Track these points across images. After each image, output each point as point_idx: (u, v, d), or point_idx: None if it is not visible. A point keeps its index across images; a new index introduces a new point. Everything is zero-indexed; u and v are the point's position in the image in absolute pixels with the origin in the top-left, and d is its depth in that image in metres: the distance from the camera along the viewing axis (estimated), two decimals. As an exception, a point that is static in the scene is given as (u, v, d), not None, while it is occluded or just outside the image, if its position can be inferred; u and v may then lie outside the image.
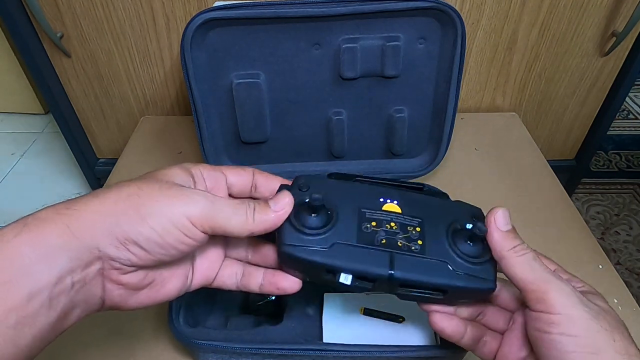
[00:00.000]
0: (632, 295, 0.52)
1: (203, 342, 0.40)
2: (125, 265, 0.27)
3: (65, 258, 0.25)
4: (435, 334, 0.42)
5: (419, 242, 0.33)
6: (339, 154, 0.60)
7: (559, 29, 0.73)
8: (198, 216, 0.27)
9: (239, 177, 0.35)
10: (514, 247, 0.30)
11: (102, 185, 0.69)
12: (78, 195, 1.03)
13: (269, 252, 0.35)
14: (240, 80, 0.54)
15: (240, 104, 0.55)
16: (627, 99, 1.38)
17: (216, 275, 0.34)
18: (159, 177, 0.30)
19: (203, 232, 0.28)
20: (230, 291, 0.46)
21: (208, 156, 0.57)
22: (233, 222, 0.29)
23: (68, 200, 0.27)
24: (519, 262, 0.29)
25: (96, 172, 0.93)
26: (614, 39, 0.72)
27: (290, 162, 0.61)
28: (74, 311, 0.26)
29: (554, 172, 0.69)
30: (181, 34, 0.50)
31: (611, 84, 0.80)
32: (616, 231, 0.99)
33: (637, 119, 1.34)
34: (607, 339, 0.26)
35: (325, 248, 0.32)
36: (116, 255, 0.26)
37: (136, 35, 0.73)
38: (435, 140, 0.59)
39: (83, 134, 0.87)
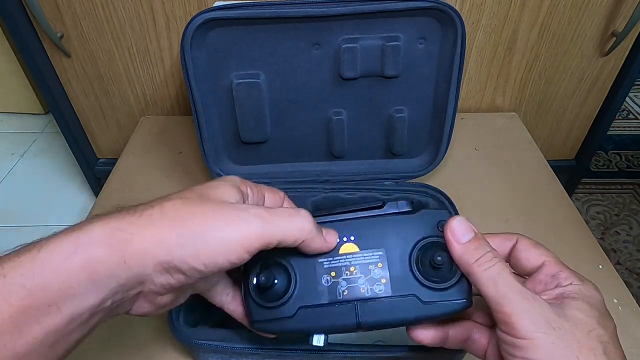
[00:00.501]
0: (632, 295, 0.52)
1: (203, 342, 0.40)
2: (164, 289, 0.27)
3: (114, 285, 0.25)
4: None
5: (382, 280, 0.32)
6: (339, 154, 0.60)
7: (559, 29, 0.73)
8: (254, 237, 0.27)
9: (273, 198, 0.35)
10: (477, 259, 0.28)
11: (102, 185, 0.69)
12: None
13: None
14: (240, 80, 0.54)
15: (240, 104, 0.55)
16: (627, 99, 1.38)
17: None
18: (212, 196, 0.29)
19: (251, 253, 0.28)
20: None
21: (208, 156, 0.57)
22: (289, 235, 0.29)
23: (120, 214, 0.26)
24: (483, 277, 0.28)
25: (96, 172, 0.93)
26: (614, 39, 0.72)
27: (290, 162, 0.61)
28: (101, 322, 0.27)
29: (554, 172, 0.69)
30: (181, 34, 0.49)
31: (611, 84, 0.80)
32: (616, 231, 0.99)
33: (637, 119, 1.34)
34: (571, 356, 0.25)
35: (291, 315, 0.32)
36: (159, 281, 0.27)
37: (136, 35, 0.73)
38: (435, 140, 0.59)
39: (83, 134, 0.87)
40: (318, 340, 0.32)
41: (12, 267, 0.23)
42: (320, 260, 0.33)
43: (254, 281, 0.32)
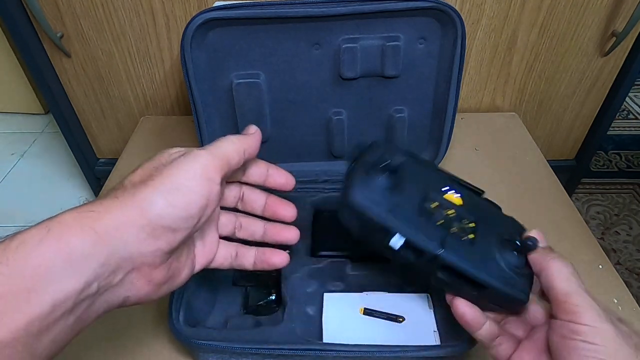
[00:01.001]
0: (632, 295, 0.52)
1: (203, 342, 0.40)
2: (156, 257, 0.27)
3: (95, 265, 0.24)
4: (436, 333, 0.42)
5: (471, 235, 0.33)
6: (339, 154, 0.60)
7: (559, 29, 0.73)
8: (209, 164, 0.30)
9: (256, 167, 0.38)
10: (554, 259, 0.32)
11: (102, 185, 0.69)
12: (81, 198, 1.04)
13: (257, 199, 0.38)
14: (240, 80, 0.54)
15: (240, 104, 0.55)
16: (627, 99, 1.38)
17: (214, 257, 0.35)
18: (163, 157, 0.32)
19: (215, 180, 0.30)
20: (230, 291, 0.47)
21: (208, 156, 0.57)
22: (229, 148, 0.32)
23: (87, 203, 0.26)
24: (560, 273, 0.31)
25: (96, 172, 0.93)
26: (614, 39, 0.72)
27: (290, 162, 0.61)
28: (94, 312, 0.26)
29: (554, 172, 0.69)
30: (181, 34, 0.49)
31: (611, 84, 0.80)
32: (616, 231, 0.99)
33: (637, 119, 1.34)
34: (629, 355, 0.27)
35: (387, 207, 0.33)
36: (147, 249, 0.27)
37: (136, 36, 0.73)
38: (436, 140, 0.59)
39: (83, 134, 0.87)
40: (397, 242, 0.33)
41: None
42: (427, 190, 0.35)
43: (382, 161, 0.34)
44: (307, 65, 0.53)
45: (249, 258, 0.37)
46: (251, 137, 0.35)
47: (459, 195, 0.36)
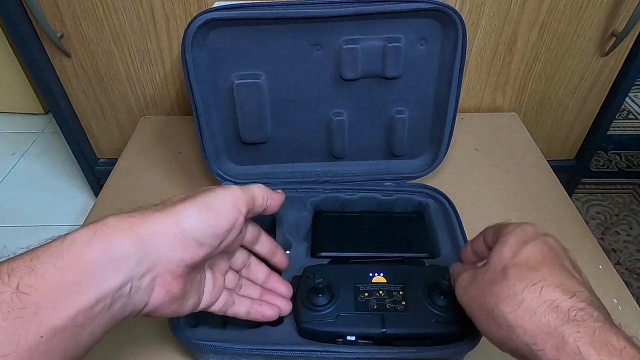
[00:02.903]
0: (632, 295, 0.52)
1: (203, 342, 0.40)
2: (179, 266, 0.30)
3: (132, 264, 0.27)
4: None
5: (403, 302, 0.41)
6: (339, 155, 0.60)
7: (559, 29, 0.73)
8: (240, 197, 0.34)
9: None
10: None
11: (102, 185, 0.69)
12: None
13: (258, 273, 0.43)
14: (241, 81, 0.54)
15: (240, 104, 0.55)
16: (627, 99, 1.38)
17: (217, 300, 0.38)
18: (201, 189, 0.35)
19: (242, 212, 0.34)
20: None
21: (208, 156, 0.57)
22: (257, 192, 0.37)
23: (129, 211, 0.30)
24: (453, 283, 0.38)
25: (96, 172, 0.93)
26: (614, 39, 0.72)
27: (290, 162, 0.61)
28: (123, 314, 0.28)
29: (554, 172, 0.69)
30: (181, 34, 0.50)
31: (611, 84, 0.80)
32: (616, 231, 0.99)
33: (637, 119, 1.34)
34: (483, 303, 0.31)
35: (332, 319, 0.40)
36: (173, 257, 0.30)
37: (136, 36, 0.73)
38: (436, 141, 0.59)
39: (83, 134, 0.87)
40: (350, 339, 0.40)
41: (44, 251, 0.26)
42: (357, 285, 0.43)
43: (311, 285, 0.41)
44: (308, 65, 0.53)
45: (243, 307, 0.40)
46: (276, 193, 0.39)
47: (382, 274, 0.44)
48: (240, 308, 0.39)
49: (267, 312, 0.40)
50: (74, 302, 0.25)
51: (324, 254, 0.50)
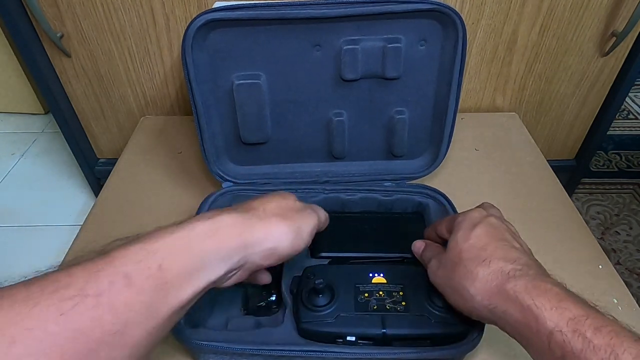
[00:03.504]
0: (632, 295, 0.52)
1: (203, 342, 0.40)
2: (259, 267, 0.36)
3: (235, 261, 0.33)
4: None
5: (403, 303, 0.42)
6: (339, 155, 0.60)
7: (559, 29, 0.73)
8: (317, 225, 0.40)
9: None
10: (420, 255, 0.46)
11: (102, 185, 0.69)
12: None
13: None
14: (241, 81, 0.54)
15: (241, 104, 0.55)
16: (627, 99, 1.38)
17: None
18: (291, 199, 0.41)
19: (308, 242, 0.39)
20: (230, 292, 0.47)
21: (208, 156, 0.57)
22: (323, 219, 0.43)
23: (241, 212, 0.36)
24: (423, 262, 0.44)
25: (96, 172, 0.93)
26: (614, 39, 0.72)
27: (290, 162, 0.61)
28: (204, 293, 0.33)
29: (554, 172, 0.69)
30: (181, 34, 0.50)
31: (611, 84, 0.80)
32: (616, 231, 0.99)
33: (637, 119, 1.34)
34: (449, 282, 0.37)
35: (332, 320, 0.41)
36: (260, 262, 0.36)
37: (136, 35, 0.73)
38: (436, 141, 0.59)
39: (83, 134, 0.87)
40: (350, 339, 0.41)
41: (177, 238, 0.31)
42: (357, 285, 0.43)
43: (311, 285, 0.42)
44: (308, 66, 0.53)
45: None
46: (326, 221, 0.45)
47: (382, 274, 0.44)
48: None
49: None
50: (193, 284, 0.30)
51: (324, 254, 0.50)
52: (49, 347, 0.23)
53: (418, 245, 0.46)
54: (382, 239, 0.53)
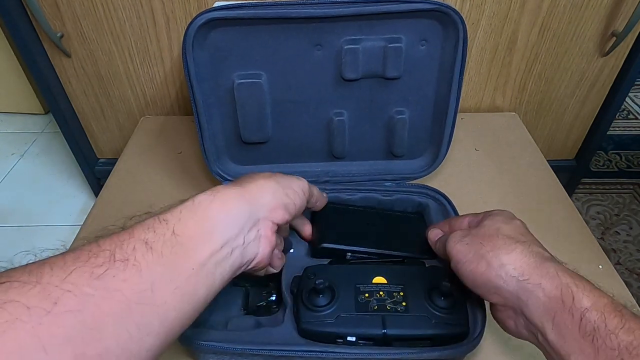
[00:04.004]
0: (632, 295, 0.52)
1: (204, 342, 0.40)
2: (275, 223, 0.38)
3: (244, 219, 0.36)
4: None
5: (404, 303, 0.42)
6: (339, 155, 0.60)
7: (559, 29, 0.73)
8: (306, 188, 0.44)
9: None
10: (439, 240, 0.46)
11: (102, 185, 0.69)
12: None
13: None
14: (242, 81, 0.54)
15: (241, 104, 0.55)
16: (627, 99, 1.38)
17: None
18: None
19: (306, 199, 0.43)
20: (230, 292, 0.47)
21: (209, 156, 0.57)
22: (315, 191, 0.47)
23: (233, 181, 0.39)
24: (439, 244, 0.45)
25: (96, 172, 0.93)
26: (614, 39, 0.72)
27: (290, 162, 0.61)
28: (241, 262, 0.35)
29: (554, 172, 0.70)
30: (181, 34, 0.50)
31: (611, 84, 0.80)
32: (616, 231, 0.99)
33: (637, 119, 1.34)
34: (478, 249, 0.37)
35: (332, 320, 0.41)
36: (269, 216, 0.38)
37: (136, 35, 0.73)
38: (436, 141, 0.59)
39: (83, 134, 0.87)
40: (351, 340, 0.41)
41: (183, 208, 0.33)
42: (358, 285, 0.43)
43: (312, 285, 0.42)
44: (308, 65, 0.53)
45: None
46: (324, 198, 0.50)
47: (382, 275, 0.44)
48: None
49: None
50: (207, 244, 0.32)
51: (325, 245, 0.49)
52: (86, 306, 0.25)
53: (436, 232, 0.47)
54: (386, 235, 0.53)
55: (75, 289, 0.25)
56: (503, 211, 0.42)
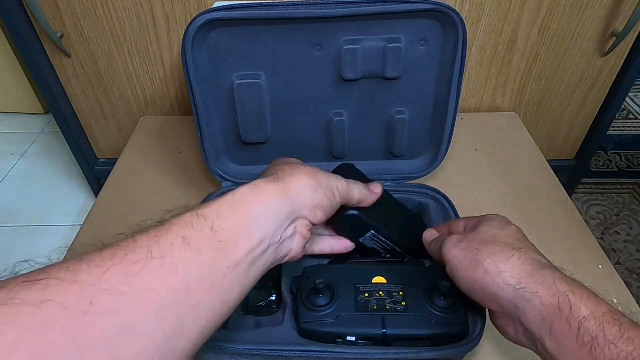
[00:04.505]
0: (632, 295, 0.52)
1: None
2: (311, 222, 0.38)
3: (283, 216, 0.35)
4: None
5: (403, 303, 0.42)
6: (339, 155, 0.60)
7: (559, 29, 0.73)
8: (343, 190, 0.42)
9: None
10: (433, 240, 0.44)
11: (102, 185, 0.69)
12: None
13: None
14: (242, 81, 0.54)
15: (241, 104, 0.55)
16: (627, 99, 1.38)
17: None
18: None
19: (341, 202, 0.42)
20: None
21: (208, 156, 0.57)
22: (356, 195, 0.44)
23: (270, 176, 0.37)
24: (434, 245, 0.44)
25: (96, 172, 0.93)
26: (614, 39, 0.72)
27: (290, 162, 0.61)
28: (275, 258, 0.35)
29: (554, 172, 0.70)
30: (181, 34, 0.50)
31: (611, 84, 0.80)
32: (616, 231, 0.99)
33: (637, 119, 1.34)
34: (475, 255, 0.37)
35: (332, 320, 0.41)
36: (308, 215, 0.37)
37: (136, 35, 0.73)
38: (436, 141, 0.59)
39: (83, 134, 0.87)
40: (350, 340, 0.41)
41: (223, 202, 0.33)
42: (358, 285, 0.43)
43: (311, 285, 0.42)
44: (308, 66, 0.53)
45: (327, 245, 0.47)
46: (372, 195, 0.46)
47: (382, 274, 0.44)
48: (324, 245, 0.46)
49: (347, 244, 0.48)
50: (246, 241, 0.31)
51: (356, 213, 0.46)
52: (122, 306, 0.25)
53: (431, 233, 0.46)
54: (405, 227, 0.51)
55: (111, 288, 0.25)
56: (498, 216, 0.42)
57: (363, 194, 0.45)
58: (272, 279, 0.49)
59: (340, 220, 0.46)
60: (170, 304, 0.27)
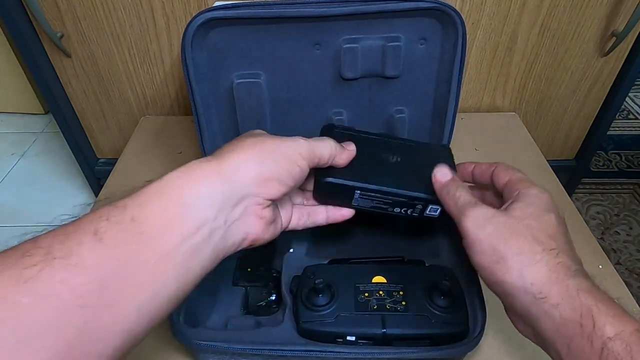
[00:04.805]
0: (632, 295, 0.52)
1: (203, 342, 0.40)
2: (265, 199, 0.34)
3: (221, 198, 0.31)
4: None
5: (403, 303, 0.42)
6: (339, 154, 0.60)
7: (559, 29, 0.73)
8: (305, 149, 0.37)
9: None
10: (447, 187, 0.38)
11: (102, 185, 0.69)
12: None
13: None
14: (241, 80, 0.54)
15: (240, 103, 0.55)
16: (627, 99, 1.38)
17: (291, 218, 0.41)
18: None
19: (305, 161, 0.36)
20: (230, 292, 0.47)
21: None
22: (325, 151, 0.38)
23: (208, 157, 0.33)
24: (448, 197, 0.37)
25: (96, 172, 0.93)
26: (614, 39, 0.72)
27: (290, 162, 0.61)
28: (225, 245, 0.32)
29: (554, 172, 0.69)
30: (181, 34, 0.50)
31: (611, 84, 0.80)
32: (616, 231, 0.99)
33: (637, 119, 1.34)
34: (500, 246, 0.32)
35: (332, 320, 0.41)
36: (261, 191, 0.33)
37: (136, 35, 0.73)
38: (436, 141, 0.58)
39: (83, 134, 0.87)
40: (351, 339, 0.40)
41: (147, 191, 0.30)
42: (357, 285, 0.43)
43: (311, 285, 0.42)
44: (307, 65, 0.53)
45: (321, 215, 0.43)
46: (345, 152, 0.41)
47: (382, 274, 0.44)
48: (318, 216, 0.43)
49: (343, 212, 0.43)
50: (176, 230, 0.28)
51: (330, 179, 0.40)
52: (14, 316, 0.22)
53: (444, 172, 0.39)
54: (405, 171, 0.43)
55: (1, 297, 0.22)
56: (540, 194, 0.35)
57: (334, 149, 0.39)
58: (272, 278, 0.49)
59: (316, 190, 0.42)
60: (77, 307, 0.24)
